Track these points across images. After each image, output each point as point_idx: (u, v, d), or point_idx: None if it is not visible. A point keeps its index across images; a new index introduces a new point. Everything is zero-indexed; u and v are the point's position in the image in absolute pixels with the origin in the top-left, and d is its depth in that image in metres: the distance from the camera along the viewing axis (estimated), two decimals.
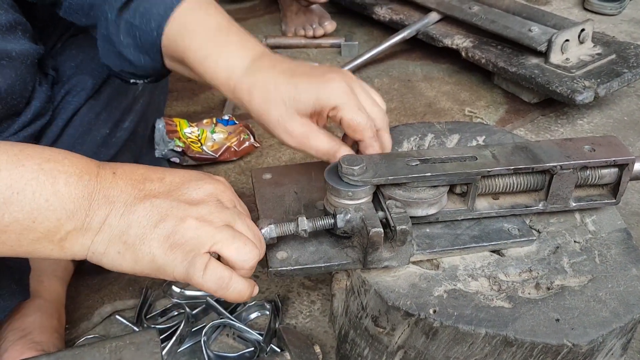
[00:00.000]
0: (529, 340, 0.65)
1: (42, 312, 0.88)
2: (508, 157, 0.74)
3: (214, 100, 1.61)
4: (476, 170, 0.72)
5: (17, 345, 0.83)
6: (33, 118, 0.84)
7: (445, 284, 0.71)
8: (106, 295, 1.02)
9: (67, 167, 0.59)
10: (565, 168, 0.73)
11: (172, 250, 0.59)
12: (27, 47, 0.80)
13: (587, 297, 0.70)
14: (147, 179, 0.63)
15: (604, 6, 2.02)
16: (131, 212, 0.60)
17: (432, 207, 0.73)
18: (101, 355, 0.61)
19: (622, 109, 1.55)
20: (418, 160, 0.73)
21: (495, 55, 1.56)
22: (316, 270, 0.72)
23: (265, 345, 0.90)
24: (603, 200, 0.79)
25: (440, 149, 0.76)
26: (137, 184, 0.62)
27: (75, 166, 0.60)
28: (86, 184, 0.59)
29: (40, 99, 0.85)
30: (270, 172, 0.87)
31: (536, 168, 0.73)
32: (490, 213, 0.77)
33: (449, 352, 0.68)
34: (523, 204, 0.77)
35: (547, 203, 0.77)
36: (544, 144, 0.77)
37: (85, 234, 0.59)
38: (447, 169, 0.71)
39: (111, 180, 0.61)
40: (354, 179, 0.69)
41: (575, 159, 0.73)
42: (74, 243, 0.59)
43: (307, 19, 1.92)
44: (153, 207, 0.60)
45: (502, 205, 0.77)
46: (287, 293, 1.02)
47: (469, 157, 0.74)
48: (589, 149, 0.75)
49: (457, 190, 0.75)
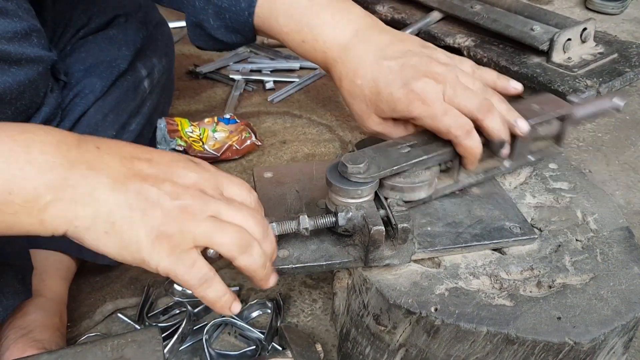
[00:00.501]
0: (530, 339, 0.64)
1: (44, 310, 0.88)
2: None
3: (216, 99, 1.61)
4: None
5: (19, 344, 0.83)
6: (42, 124, 0.83)
7: (446, 282, 0.71)
8: (108, 293, 1.02)
9: (43, 137, 0.55)
10: None
11: (159, 241, 0.56)
12: (41, 53, 0.80)
13: (589, 295, 0.69)
14: (135, 157, 0.59)
15: (606, 5, 2.02)
16: (121, 190, 0.55)
17: (430, 187, 0.76)
18: (103, 353, 0.61)
19: (624, 108, 1.55)
20: (407, 146, 0.75)
21: (497, 54, 1.56)
22: (317, 268, 0.72)
23: (266, 343, 0.90)
24: (553, 151, 0.87)
25: (418, 133, 0.78)
26: (125, 162, 0.58)
27: (52, 136, 0.56)
28: (65, 153, 0.55)
29: (51, 105, 0.85)
30: (272, 171, 0.87)
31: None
32: (470, 182, 0.81)
33: (450, 350, 0.68)
34: (493, 167, 0.82)
35: (512, 162, 0.82)
36: None
37: (68, 206, 0.54)
38: (436, 148, 0.74)
39: (95, 153, 0.57)
40: (362, 176, 0.69)
41: (532, 118, 0.79)
42: (54, 216, 0.54)
43: None
44: (142, 192, 0.56)
45: (477, 172, 0.82)
46: (288, 291, 1.02)
47: None
48: (538, 108, 0.82)
49: (442, 168, 0.79)
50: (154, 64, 1.13)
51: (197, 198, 0.59)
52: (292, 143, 1.42)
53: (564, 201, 0.84)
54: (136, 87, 1.06)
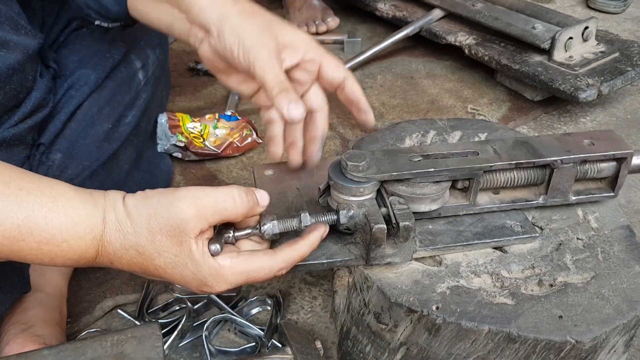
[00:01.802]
0: (532, 337, 0.64)
1: (44, 305, 0.88)
2: (509, 151, 0.74)
3: (217, 96, 1.61)
4: (478, 165, 0.72)
5: (19, 339, 0.83)
6: (33, 109, 0.83)
7: (448, 280, 0.71)
8: (108, 289, 1.02)
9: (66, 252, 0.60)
10: (565, 162, 0.74)
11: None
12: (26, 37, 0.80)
13: (590, 294, 0.69)
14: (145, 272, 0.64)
15: (608, 4, 2.02)
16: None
17: (435, 202, 0.73)
18: (103, 349, 0.61)
19: (625, 107, 1.55)
20: (420, 156, 0.73)
21: (498, 52, 1.56)
22: (319, 266, 0.72)
23: (266, 340, 0.90)
24: (602, 194, 0.80)
25: (442, 145, 0.76)
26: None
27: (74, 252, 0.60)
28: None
29: (41, 90, 0.85)
30: (272, 168, 0.87)
31: (537, 162, 0.74)
32: (491, 208, 0.77)
33: (451, 348, 0.68)
34: (523, 199, 0.78)
35: (547, 197, 0.77)
36: (544, 138, 0.77)
37: None
38: (449, 164, 0.72)
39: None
40: (359, 175, 0.69)
41: (575, 153, 0.74)
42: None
43: (311, 15, 1.91)
44: None
45: (503, 200, 0.78)
46: (288, 289, 1.02)
47: (471, 152, 0.74)
48: (588, 143, 0.76)
49: (458, 186, 0.75)
50: (147, 56, 1.12)
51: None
52: None
53: None
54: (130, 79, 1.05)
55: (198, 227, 0.61)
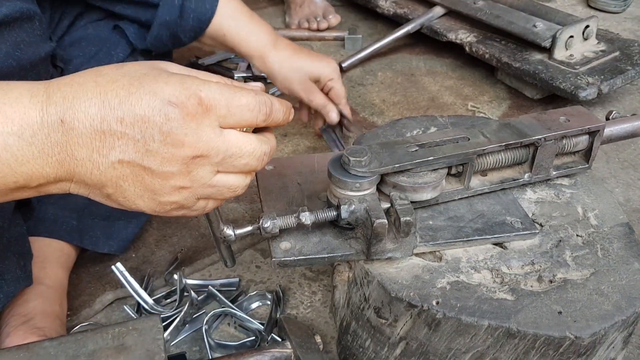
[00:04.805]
0: (531, 333, 0.65)
1: (44, 298, 0.88)
2: (497, 134, 0.77)
3: None
4: (473, 149, 0.74)
5: (19, 331, 0.83)
6: None
7: (448, 275, 0.72)
8: (108, 282, 1.02)
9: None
10: (548, 139, 0.78)
11: (162, 206, 0.56)
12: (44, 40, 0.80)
13: (590, 290, 0.70)
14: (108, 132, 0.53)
15: (608, 3, 2.02)
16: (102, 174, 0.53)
17: (435, 190, 0.75)
18: (104, 341, 0.62)
19: (625, 106, 1.55)
20: (416, 145, 0.74)
21: (499, 50, 1.56)
22: (319, 261, 0.73)
23: (266, 334, 0.90)
24: (577, 167, 0.84)
25: (432, 133, 0.78)
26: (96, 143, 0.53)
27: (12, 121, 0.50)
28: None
29: None
30: (273, 164, 0.87)
31: (524, 142, 0.77)
32: (483, 190, 0.80)
33: (451, 343, 0.69)
34: (510, 178, 0.81)
35: (532, 174, 0.81)
36: (524, 119, 0.81)
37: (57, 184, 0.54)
38: (445, 151, 0.74)
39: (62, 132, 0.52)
40: (362, 170, 0.69)
41: (556, 130, 0.78)
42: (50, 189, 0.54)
43: (312, 12, 1.91)
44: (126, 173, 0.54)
45: (492, 181, 0.81)
46: (288, 283, 1.02)
47: (461, 137, 0.76)
48: (564, 120, 0.80)
49: (452, 171, 0.78)
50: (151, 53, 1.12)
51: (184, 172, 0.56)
52: (294, 136, 1.42)
53: (565, 197, 0.84)
54: None
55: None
